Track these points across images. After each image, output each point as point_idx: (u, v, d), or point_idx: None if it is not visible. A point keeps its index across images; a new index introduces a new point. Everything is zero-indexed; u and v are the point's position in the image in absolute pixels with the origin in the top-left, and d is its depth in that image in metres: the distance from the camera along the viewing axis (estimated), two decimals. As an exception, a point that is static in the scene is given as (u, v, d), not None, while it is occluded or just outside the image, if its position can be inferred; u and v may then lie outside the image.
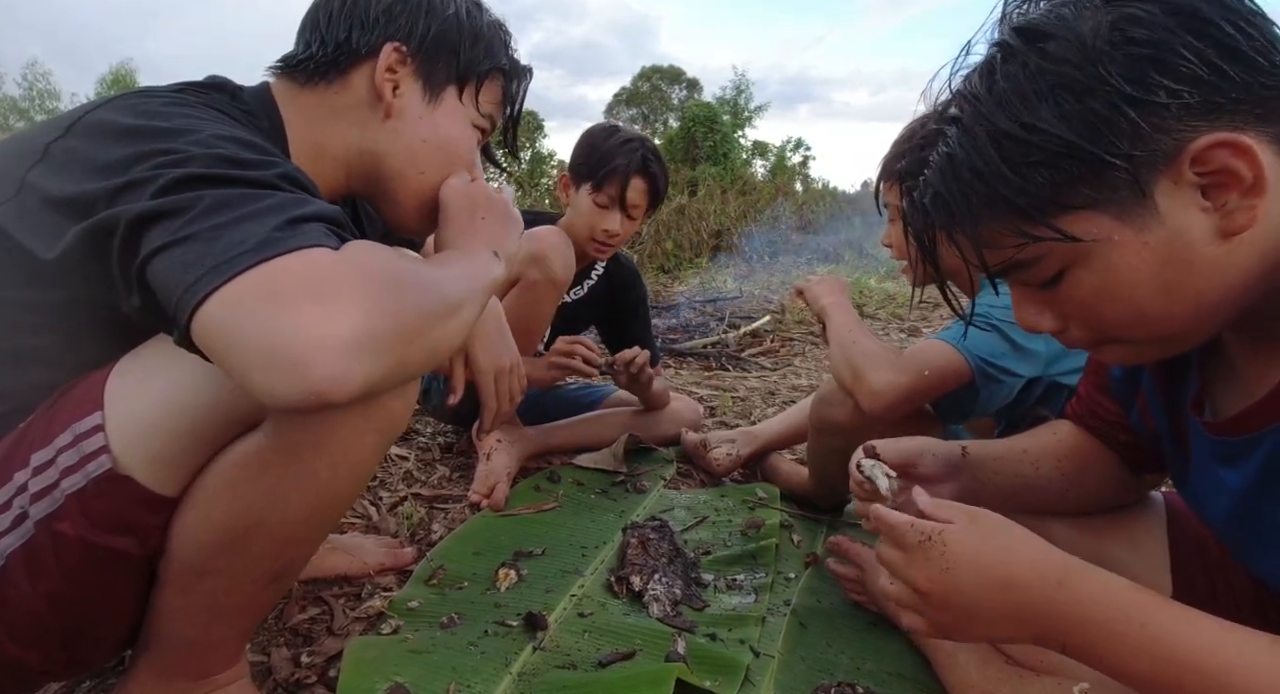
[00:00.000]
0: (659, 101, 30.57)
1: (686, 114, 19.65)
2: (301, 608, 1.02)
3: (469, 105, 0.83)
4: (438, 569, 1.10)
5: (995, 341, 1.10)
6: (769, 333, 3.57)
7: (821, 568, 1.19)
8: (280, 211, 0.54)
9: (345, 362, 0.48)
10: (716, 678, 0.87)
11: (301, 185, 0.60)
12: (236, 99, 0.73)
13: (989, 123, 0.53)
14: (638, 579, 1.07)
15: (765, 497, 1.46)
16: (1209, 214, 0.51)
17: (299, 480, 0.64)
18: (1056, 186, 0.52)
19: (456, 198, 0.79)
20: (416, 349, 0.55)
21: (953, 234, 0.58)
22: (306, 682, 0.86)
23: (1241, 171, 0.49)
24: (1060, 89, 0.51)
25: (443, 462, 1.65)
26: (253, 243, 0.51)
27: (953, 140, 0.56)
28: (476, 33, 0.81)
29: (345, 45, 0.76)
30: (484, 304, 0.68)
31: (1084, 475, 0.86)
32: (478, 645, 0.92)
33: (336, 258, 0.53)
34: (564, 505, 1.40)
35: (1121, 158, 0.50)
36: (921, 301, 4.58)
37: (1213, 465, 0.65)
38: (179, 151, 0.56)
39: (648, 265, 6.63)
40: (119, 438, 0.60)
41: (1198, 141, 0.49)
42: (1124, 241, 0.52)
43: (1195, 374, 0.67)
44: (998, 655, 0.83)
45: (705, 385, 2.59)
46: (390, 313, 0.52)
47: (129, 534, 0.62)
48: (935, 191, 0.58)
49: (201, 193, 0.54)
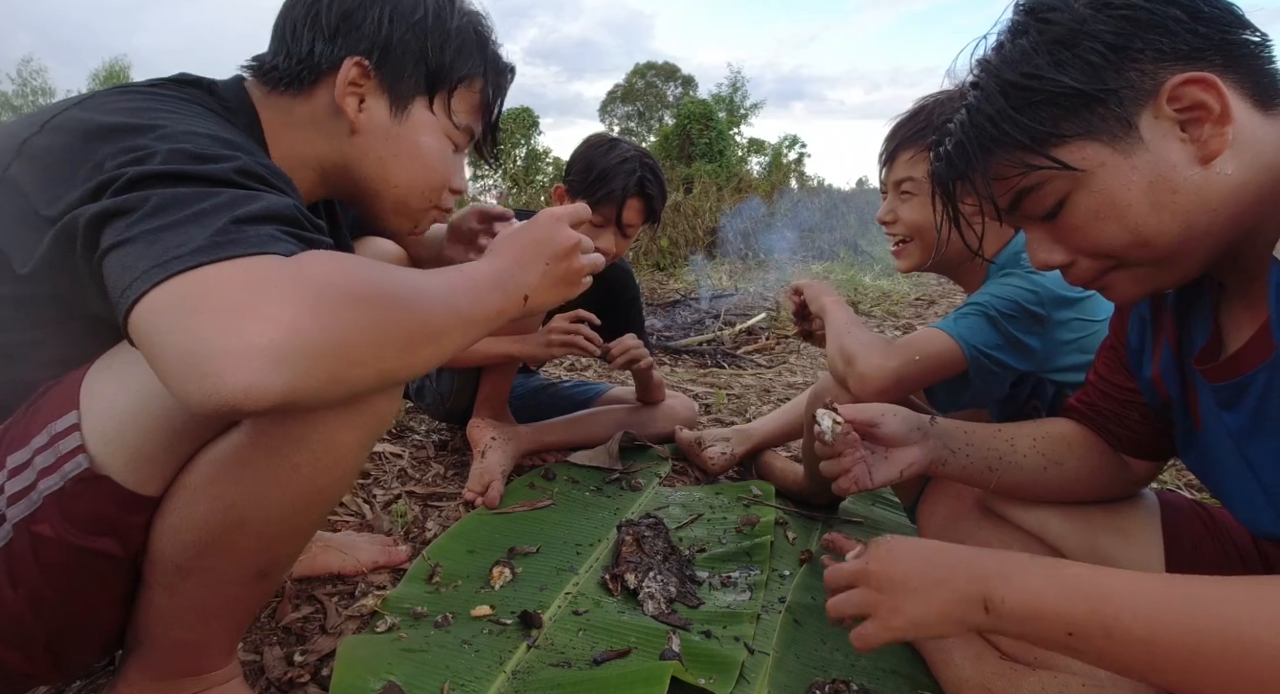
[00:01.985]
0: (654, 98, 30.54)
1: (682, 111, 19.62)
2: (294, 606, 1.01)
3: (441, 116, 0.80)
4: (435, 567, 1.10)
5: (991, 333, 1.10)
6: (764, 330, 3.57)
7: (816, 565, 1.19)
8: (227, 211, 0.52)
9: (260, 373, 0.46)
10: (711, 676, 0.87)
11: (260, 178, 0.58)
12: (214, 94, 0.72)
13: (999, 77, 0.64)
14: (632, 577, 1.07)
15: (760, 494, 1.46)
16: (1186, 144, 0.60)
17: (282, 478, 0.63)
18: (1054, 120, 0.62)
19: (543, 232, 0.72)
20: (366, 370, 0.52)
21: (970, 175, 0.68)
22: (299, 680, 0.86)
23: (1210, 103, 0.58)
24: (1056, 44, 0.62)
25: (437, 459, 1.65)
26: (189, 247, 0.49)
27: (971, 98, 0.67)
28: (443, 39, 0.77)
29: (309, 59, 0.74)
30: (476, 338, 0.64)
31: (1064, 457, 0.87)
32: (472, 644, 0.91)
33: (276, 266, 0.50)
34: (559, 503, 1.39)
35: (1107, 92, 0.60)
36: (917, 299, 4.59)
37: (1218, 414, 0.68)
38: (143, 148, 0.55)
39: (642, 263, 6.62)
40: (95, 437, 0.59)
41: (1172, 79, 0.59)
42: (1114, 165, 0.61)
43: (1207, 331, 0.70)
44: (992, 651, 0.83)
45: (701, 383, 2.59)
46: (329, 328, 0.49)
47: (109, 535, 0.61)
48: (957, 140, 0.68)
49: (150, 192, 0.53)
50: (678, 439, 1.72)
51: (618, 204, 1.49)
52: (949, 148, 0.69)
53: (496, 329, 0.68)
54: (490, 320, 0.65)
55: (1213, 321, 0.69)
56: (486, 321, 0.65)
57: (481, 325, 0.64)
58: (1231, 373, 0.64)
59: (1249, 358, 0.62)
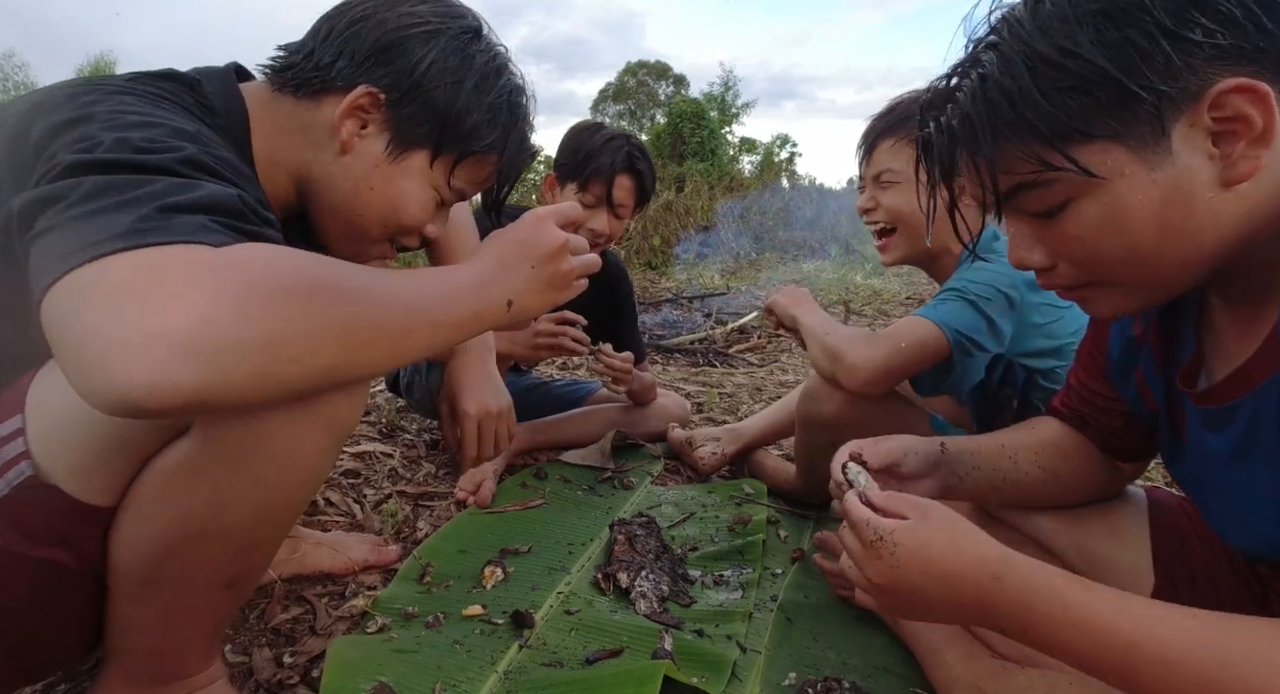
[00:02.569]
0: (646, 97, 30.51)
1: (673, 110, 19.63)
2: (284, 607, 1.00)
3: (438, 174, 0.77)
4: (426, 567, 1.09)
5: (973, 316, 1.12)
6: (756, 329, 3.58)
7: (808, 563, 1.20)
8: (155, 199, 0.49)
9: (163, 365, 0.42)
10: (703, 674, 0.87)
11: (207, 169, 0.54)
12: (195, 91, 0.69)
13: (1027, 46, 0.54)
14: (625, 576, 1.07)
15: (752, 492, 1.46)
16: (1214, 161, 0.52)
17: (242, 486, 0.60)
18: (1083, 114, 0.53)
19: (528, 232, 0.68)
20: (302, 367, 0.49)
21: (974, 156, 0.59)
22: (289, 682, 0.85)
23: (1254, 118, 0.50)
24: (1102, 15, 0.52)
25: (428, 458, 1.64)
26: (106, 234, 0.46)
27: (989, 64, 0.56)
28: (474, 108, 0.74)
29: (326, 70, 0.71)
30: (451, 341, 0.61)
31: (1061, 468, 0.87)
32: (463, 644, 0.91)
33: (197, 254, 0.46)
34: (551, 502, 1.39)
35: (1151, 91, 0.51)
36: (908, 297, 4.61)
37: (1202, 433, 0.66)
38: (91, 137, 0.53)
39: (634, 261, 6.61)
40: (40, 445, 0.57)
41: (1221, 83, 0.50)
42: (1134, 176, 0.53)
43: (1191, 345, 0.68)
44: (983, 649, 0.83)
45: (693, 381, 2.59)
46: (252, 320, 0.45)
47: (61, 546, 0.59)
48: (964, 113, 0.58)
49: (83, 179, 0.49)
50: (669, 438, 1.72)
51: (607, 181, 1.49)
52: (952, 120, 0.59)
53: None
54: (465, 324, 0.62)
55: (1194, 336, 0.67)
56: (460, 325, 0.61)
57: (455, 328, 0.61)
58: (1220, 397, 0.62)
59: (1239, 383, 0.59)
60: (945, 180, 0.63)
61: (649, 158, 1.57)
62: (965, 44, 0.61)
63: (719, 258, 7.03)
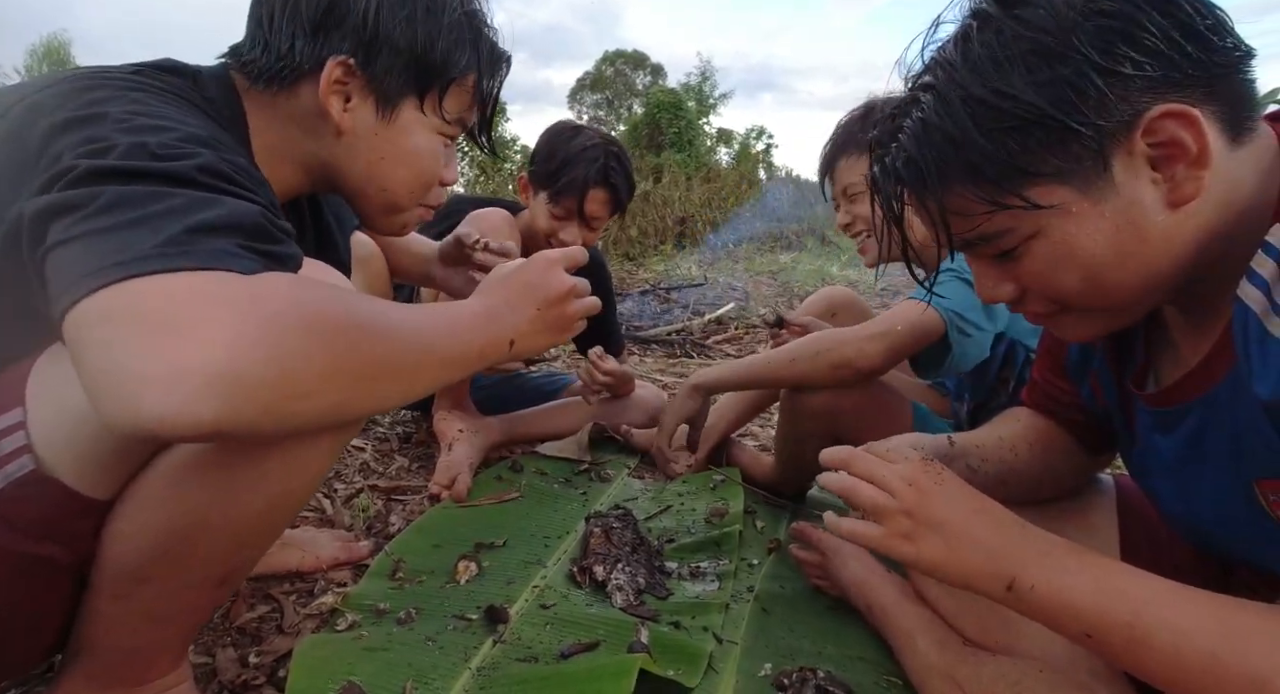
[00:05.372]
0: (623, 87, 30.34)
1: (651, 100, 19.53)
2: (250, 606, 0.98)
3: (431, 115, 0.76)
4: (398, 562, 1.07)
5: (967, 293, 1.14)
6: (733, 320, 3.59)
7: (784, 554, 1.20)
8: (181, 216, 0.48)
9: (186, 401, 0.42)
10: (680, 667, 0.87)
11: (226, 177, 0.54)
12: (198, 84, 0.67)
13: (962, 89, 0.54)
14: (601, 569, 1.06)
15: (724, 478, 1.46)
16: (1158, 185, 0.53)
17: (250, 481, 0.60)
18: (1026, 154, 0.54)
19: (536, 276, 0.69)
20: (310, 404, 0.48)
21: (923, 200, 0.59)
22: (254, 683, 0.83)
23: (1187, 142, 0.51)
24: (1033, 55, 0.52)
25: (401, 452, 1.61)
26: (133, 254, 0.45)
27: (927, 106, 0.57)
28: (435, 35, 0.72)
29: (289, 57, 0.69)
30: (455, 377, 0.62)
31: (1050, 457, 0.88)
32: (436, 640, 0.89)
33: (227, 284, 0.46)
34: (526, 495, 1.37)
35: (1089, 126, 0.52)
36: (883, 289, 4.65)
37: (1152, 435, 0.67)
38: (103, 139, 0.51)
39: (612, 252, 6.59)
40: (43, 437, 0.56)
41: (1151, 111, 0.51)
42: (1082, 212, 0.54)
43: (1140, 348, 0.69)
44: (955, 638, 0.84)
45: (670, 373, 2.58)
46: (273, 357, 0.45)
47: (55, 541, 0.58)
48: (909, 156, 0.59)
49: (103, 188, 0.48)
50: (635, 442, 1.65)
51: (579, 196, 1.45)
52: (898, 163, 0.60)
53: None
54: (470, 361, 0.63)
55: (1142, 343, 0.69)
56: (466, 362, 0.62)
57: (460, 366, 0.62)
58: (1169, 400, 0.63)
59: (1188, 387, 0.60)
60: (895, 223, 0.63)
61: (626, 167, 1.51)
62: (904, 80, 0.62)
63: (696, 249, 7.03)
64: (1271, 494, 0.55)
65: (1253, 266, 0.50)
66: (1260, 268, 0.50)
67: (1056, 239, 0.56)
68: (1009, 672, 0.75)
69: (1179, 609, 0.52)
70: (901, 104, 0.61)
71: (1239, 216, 0.54)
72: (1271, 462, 0.53)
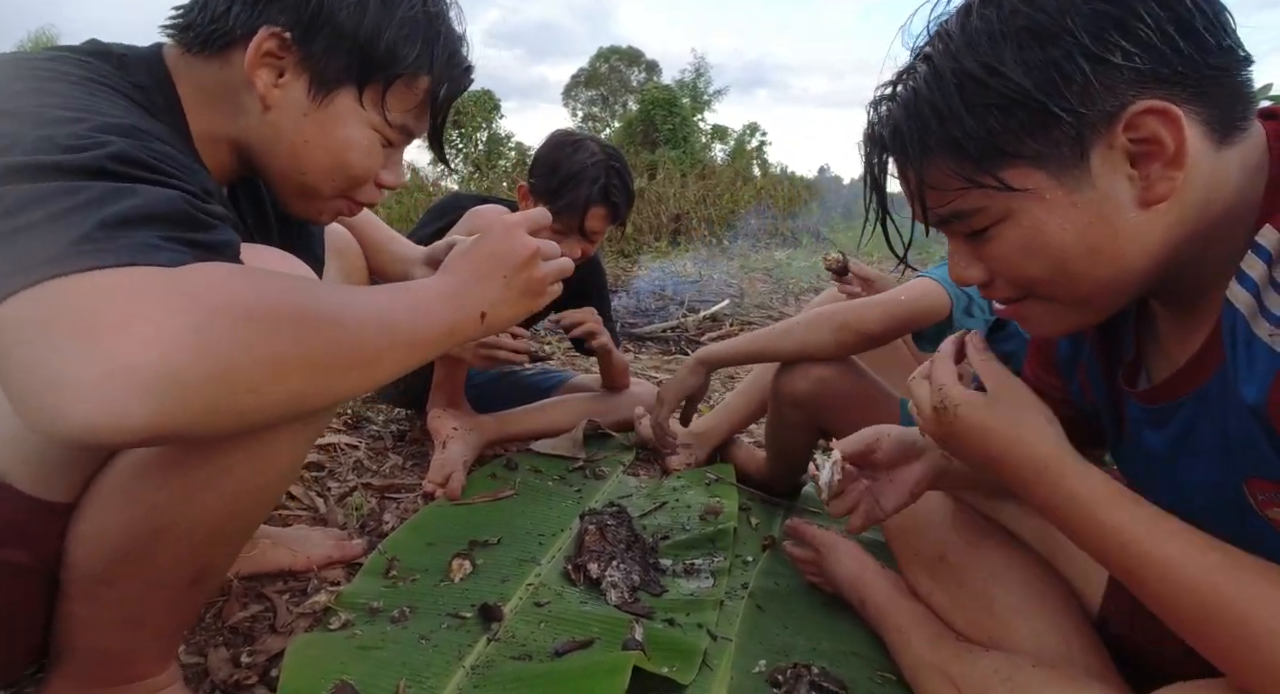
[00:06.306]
0: (618, 83, 30.28)
1: (645, 97, 19.51)
2: (242, 605, 0.97)
3: (371, 110, 0.70)
4: (392, 561, 1.07)
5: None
6: (728, 317, 3.59)
7: (778, 550, 1.20)
8: (95, 210, 0.45)
9: (116, 404, 0.40)
10: (674, 664, 0.87)
11: (143, 164, 0.50)
12: (124, 68, 0.64)
13: (955, 61, 0.54)
14: (595, 566, 1.06)
15: (719, 476, 1.46)
16: (1133, 182, 0.53)
17: (214, 479, 0.58)
18: (1006, 134, 0.54)
19: (498, 243, 0.66)
20: (263, 398, 0.46)
21: (904, 169, 0.60)
22: (246, 683, 0.83)
23: (1165, 140, 0.51)
24: (1027, 33, 0.52)
25: (395, 450, 1.61)
26: (44, 255, 0.42)
27: (920, 77, 0.57)
28: (384, 25, 0.67)
29: (223, 20, 0.65)
30: (424, 359, 0.59)
31: None
32: (430, 639, 0.89)
33: (150, 278, 0.43)
34: (521, 493, 1.37)
35: (1071, 113, 0.51)
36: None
37: (1143, 430, 0.68)
38: (6, 135, 0.48)
39: (606, 249, 6.58)
40: None
41: (1134, 105, 0.51)
42: (1055, 200, 0.54)
43: (1131, 345, 0.70)
44: (949, 633, 0.84)
45: (665, 370, 2.58)
46: (210, 350, 0.43)
47: (16, 545, 0.57)
48: (895, 125, 0.59)
49: (6, 188, 0.45)
50: (639, 429, 1.66)
51: (580, 215, 1.45)
52: (884, 130, 0.60)
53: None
54: (440, 340, 0.60)
55: (1133, 339, 0.69)
56: (433, 342, 0.60)
57: (430, 346, 0.59)
58: (1160, 397, 0.63)
59: (1178, 384, 0.61)
60: (876, 187, 0.64)
61: (627, 181, 1.50)
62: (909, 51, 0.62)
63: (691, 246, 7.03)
64: (1260, 494, 0.55)
65: (1242, 268, 0.50)
66: (1250, 269, 0.49)
67: (1026, 224, 0.56)
68: (1002, 666, 0.75)
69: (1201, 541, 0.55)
70: (901, 72, 0.60)
71: (1220, 215, 0.54)
72: (1258, 461, 0.53)
